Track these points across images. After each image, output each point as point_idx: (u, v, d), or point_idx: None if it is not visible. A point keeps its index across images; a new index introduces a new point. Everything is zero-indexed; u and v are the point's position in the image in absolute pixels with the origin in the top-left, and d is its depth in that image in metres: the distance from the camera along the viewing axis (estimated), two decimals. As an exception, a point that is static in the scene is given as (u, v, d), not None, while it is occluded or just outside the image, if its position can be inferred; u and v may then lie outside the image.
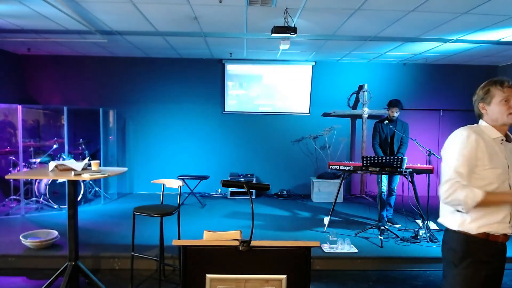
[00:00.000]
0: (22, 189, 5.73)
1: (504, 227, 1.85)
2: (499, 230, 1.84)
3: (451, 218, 1.94)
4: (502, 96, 1.85)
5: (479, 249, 1.85)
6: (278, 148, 7.65)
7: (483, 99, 1.92)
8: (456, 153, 1.85)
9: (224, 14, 4.54)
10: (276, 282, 1.71)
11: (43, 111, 7.11)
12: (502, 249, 1.90)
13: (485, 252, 1.85)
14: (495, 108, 1.87)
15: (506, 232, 1.86)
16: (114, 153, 7.07)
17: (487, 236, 1.84)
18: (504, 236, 1.87)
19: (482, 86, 1.94)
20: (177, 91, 7.48)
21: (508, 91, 1.85)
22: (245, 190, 1.74)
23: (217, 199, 7.07)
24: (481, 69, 7.42)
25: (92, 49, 6.65)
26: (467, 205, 1.78)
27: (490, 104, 1.89)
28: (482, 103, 1.93)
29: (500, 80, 1.87)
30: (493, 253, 1.86)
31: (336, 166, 5.01)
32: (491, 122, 1.91)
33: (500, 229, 1.84)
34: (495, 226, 1.84)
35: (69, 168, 3.20)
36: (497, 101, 1.86)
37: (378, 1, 3.97)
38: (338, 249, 4.18)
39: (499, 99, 1.86)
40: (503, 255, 1.92)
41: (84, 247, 3.97)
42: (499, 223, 1.84)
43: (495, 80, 1.89)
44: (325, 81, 7.55)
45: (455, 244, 1.90)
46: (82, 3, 4.16)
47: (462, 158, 1.82)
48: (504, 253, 1.92)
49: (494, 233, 1.84)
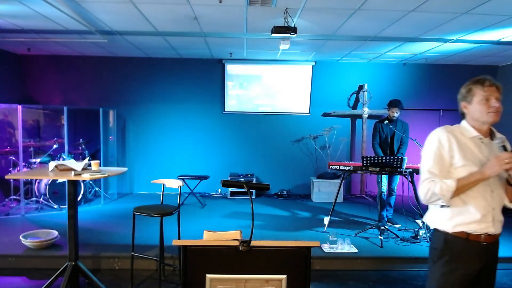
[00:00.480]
0: (22, 189, 5.73)
1: (485, 227, 1.83)
2: (478, 230, 1.83)
3: (431, 217, 1.99)
4: (482, 95, 1.87)
5: (458, 248, 1.86)
6: (278, 148, 7.64)
7: (465, 98, 1.94)
8: (428, 154, 1.92)
9: (224, 14, 4.54)
10: (276, 282, 1.71)
11: (43, 111, 7.11)
12: (487, 250, 1.86)
13: (464, 252, 1.84)
14: (476, 107, 1.89)
15: (488, 231, 1.84)
16: (114, 153, 7.07)
17: (467, 236, 1.84)
18: (487, 236, 1.84)
19: (464, 86, 1.96)
20: (177, 91, 7.48)
21: (489, 90, 1.86)
22: (245, 190, 1.74)
23: (217, 199, 7.07)
24: (481, 69, 7.41)
25: (92, 49, 6.65)
26: (444, 196, 1.81)
27: (472, 103, 1.91)
28: (464, 102, 1.95)
29: (482, 79, 1.89)
30: (474, 253, 1.84)
31: (336, 166, 5.01)
32: (472, 120, 1.94)
33: (479, 228, 1.83)
34: (473, 225, 1.83)
35: (69, 168, 3.20)
36: (478, 100, 1.88)
37: (378, 1, 3.97)
38: (338, 249, 4.18)
39: (479, 98, 1.87)
40: (490, 255, 1.88)
41: (84, 247, 3.97)
42: (479, 222, 1.83)
43: (477, 80, 1.90)
44: (325, 81, 7.55)
45: (435, 242, 1.94)
46: (82, 3, 4.16)
47: (433, 158, 1.89)
48: (490, 254, 1.88)
49: (474, 233, 1.84)
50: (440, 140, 1.90)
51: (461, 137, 1.91)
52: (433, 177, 1.87)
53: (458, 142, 1.88)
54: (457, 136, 1.90)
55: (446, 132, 1.90)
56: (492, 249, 1.89)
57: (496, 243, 1.93)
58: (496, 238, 1.90)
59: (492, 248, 1.89)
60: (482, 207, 1.83)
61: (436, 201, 1.86)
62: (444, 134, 1.90)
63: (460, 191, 1.82)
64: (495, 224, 1.85)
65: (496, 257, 1.94)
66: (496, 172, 1.77)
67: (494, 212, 1.85)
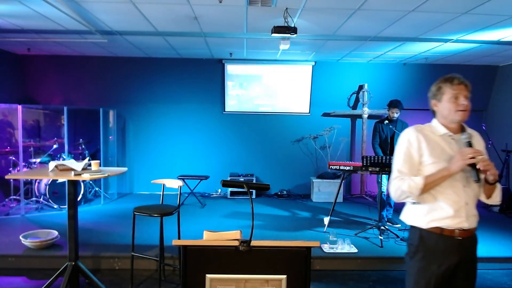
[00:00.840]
0: (22, 189, 5.73)
1: (459, 221, 1.84)
2: (452, 225, 1.85)
3: (407, 214, 2.02)
4: (451, 94, 1.88)
5: (433, 243, 1.87)
6: (278, 148, 7.64)
7: (435, 96, 1.97)
8: (399, 153, 1.97)
9: (224, 14, 4.54)
10: (276, 282, 1.71)
11: (43, 111, 7.11)
12: (462, 244, 1.86)
13: (438, 247, 1.86)
14: (445, 105, 1.91)
15: (462, 226, 1.85)
16: (114, 153, 7.07)
17: (441, 231, 1.86)
18: (461, 231, 1.85)
19: (435, 83, 1.97)
20: (177, 91, 7.48)
21: (458, 88, 1.87)
22: (245, 190, 1.74)
23: (217, 199, 7.07)
24: (481, 69, 7.42)
25: (92, 49, 6.65)
26: (413, 194, 1.86)
27: (441, 101, 1.93)
28: (434, 100, 1.98)
29: (451, 77, 1.90)
30: (448, 248, 1.85)
31: (336, 166, 5.01)
32: (442, 118, 1.96)
33: (453, 224, 1.85)
34: (447, 221, 1.85)
35: (69, 168, 3.20)
36: (447, 98, 1.90)
37: (378, 1, 3.97)
38: (338, 249, 4.18)
39: (449, 96, 1.89)
40: (465, 250, 1.88)
41: (84, 247, 3.97)
42: (451, 218, 1.85)
43: (446, 78, 1.91)
44: (325, 81, 7.55)
45: (411, 238, 1.97)
46: (82, 3, 4.16)
47: (403, 157, 1.94)
48: (466, 248, 1.88)
49: (448, 228, 1.85)
50: (409, 140, 1.94)
51: (431, 135, 1.94)
52: (402, 175, 1.91)
53: (427, 141, 1.91)
54: (427, 135, 1.93)
55: (415, 132, 1.94)
56: (467, 244, 1.89)
57: (473, 238, 1.92)
58: (472, 233, 1.91)
59: (467, 242, 1.88)
60: (455, 202, 1.85)
61: (406, 198, 1.91)
62: (413, 133, 1.94)
63: (429, 188, 1.85)
64: (469, 219, 1.86)
65: (474, 252, 1.94)
66: (460, 167, 1.79)
67: (467, 207, 1.86)
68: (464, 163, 1.77)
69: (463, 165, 1.79)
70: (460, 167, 1.79)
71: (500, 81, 7.40)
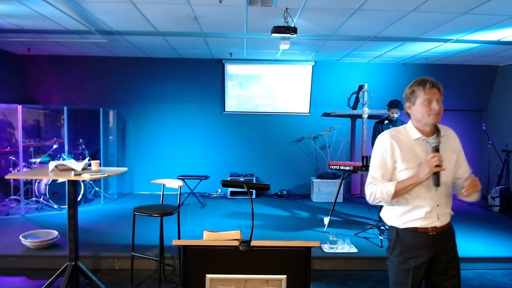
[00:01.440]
0: (22, 189, 5.73)
1: (431, 222, 1.92)
2: (424, 225, 1.92)
3: (385, 215, 2.10)
4: (424, 98, 1.89)
5: (408, 239, 1.95)
6: (278, 148, 7.64)
7: (409, 99, 1.97)
8: (373, 159, 2.02)
9: (224, 14, 4.54)
10: (276, 282, 1.71)
11: (43, 111, 7.11)
12: (436, 238, 1.93)
13: (414, 243, 1.94)
14: (418, 108, 1.92)
15: (434, 225, 1.92)
16: (114, 153, 7.07)
17: (416, 229, 1.94)
18: (434, 228, 1.92)
19: (408, 86, 1.97)
20: (177, 91, 7.48)
21: (430, 92, 1.88)
22: (245, 190, 1.74)
23: (217, 199, 7.07)
24: (481, 69, 7.42)
25: (92, 49, 6.65)
26: (385, 199, 1.92)
27: (415, 104, 1.94)
28: (408, 102, 1.98)
29: (424, 81, 1.90)
30: (423, 242, 1.93)
31: (336, 166, 5.01)
32: (415, 122, 1.98)
33: (425, 224, 1.92)
34: (418, 221, 1.93)
35: (69, 168, 3.20)
36: (420, 101, 1.91)
37: (378, 1, 3.97)
38: (338, 249, 4.18)
39: (421, 100, 1.90)
40: (440, 243, 1.94)
41: (84, 247, 3.96)
42: (422, 219, 1.92)
43: (419, 81, 1.92)
44: (325, 81, 7.55)
45: (390, 235, 2.06)
46: (82, 3, 4.16)
47: (375, 163, 2.00)
48: (440, 242, 1.94)
49: (421, 227, 1.93)
50: (383, 146, 1.98)
51: (405, 140, 1.97)
52: (375, 181, 1.98)
53: (401, 146, 1.95)
54: (401, 140, 1.96)
55: (389, 138, 1.97)
56: (442, 237, 1.95)
57: (447, 231, 1.98)
58: (446, 228, 1.97)
59: (442, 236, 1.95)
60: (426, 205, 1.92)
61: (379, 202, 1.98)
62: (387, 139, 1.97)
63: (400, 193, 1.91)
64: (441, 218, 1.93)
65: (450, 243, 2.00)
66: (428, 174, 1.82)
67: (439, 208, 1.93)
68: (432, 170, 1.81)
69: (431, 172, 1.82)
70: (428, 175, 1.83)
71: (500, 81, 7.40)
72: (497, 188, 6.37)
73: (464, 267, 4.07)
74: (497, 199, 6.33)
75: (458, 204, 7.08)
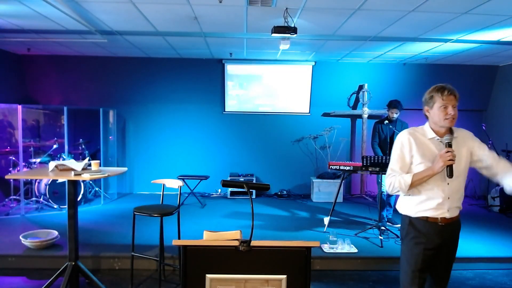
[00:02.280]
0: (22, 189, 5.73)
1: (441, 213, 2.16)
2: (435, 215, 2.17)
3: (400, 205, 2.33)
4: (441, 103, 2.12)
5: (419, 227, 2.20)
6: (278, 148, 7.64)
7: (427, 103, 2.20)
8: (393, 153, 2.28)
9: (224, 14, 4.54)
10: (276, 282, 1.71)
11: (43, 111, 7.11)
12: (444, 229, 2.17)
13: (424, 230, 2.19)
14: (436, 112, 2.15)
15: (444, 216, 2.16)
16: (114, 153, 7.07)
17: (427, 219, 2.19)
18: (443, 219, 2.16)
19: (428, 92, 2.21)
20: (177, 91, 7.48)
21: (447, 98, 2.11)
22: (245, 190, 1.74)
23: (217, 199, 7.07)
24: (481, 69, 7.42)
25: (92, 49, 6.65)
26: (402, 189, 2.18)
27: (433, 108, 2.17)
28: (427, 106, 2.22)
29: (442, 88, 2.13)
30: (432, 231, 2.17)
31: (336, 166, 5.01)
32: (432, 123, 2.22)
33: (436, 214, 2.16)
34: (430, 211, 2.17)
35: (69, 168, 3.20)
36: (437, 106, 2.14)
37: (378, 1, 3.97)
38: (338, 249, 4.18)
39: (439, 105, 2.13)
40: (447, 233, 2.19)
41: (84, 247, 3.97)
42: (434, 209, 2.16)
43: (438, 88, 2.15)
44: (325, 81, 7.55)
45: (403, 224, 2.31)
46: (82, 3, 4.16)
47: (395, 157, 2.25)
48: (448, 232, 2.19)
49: (432, 217, 2.17)
50: (402, 142, 2.23)
51: (422, 138, 2.22)
52: (394, 173, 2.23)
53: (418, 143, 2.20)
54: (418, 138, 2.21)
55: (408, 135, 2.23)
56: (449, 228, 2.19)
57: (454, 224, 2.22)
58: (454, 220, 2.20)
59: (449, 227, 2.19)
60: (438, 197, 2.15)
61: (397, 192, 2.24)
62: (406, 136, 2.23)
63: (416, 184, 2.16)
64: (450, 210, 2.17)
65: (455, 235, 2.25)
66: (442, 167, 2.07)
67: (449, 201, 2.16)
68: (445, 163, 2.05)
69: (444, 165, 2.07)
70: (442, 167, 2.08)
71: (500, 81, 7.40)
72: (497, 188, 6.37)
73: (464, 267, 4.09)
74: (497, 199, 6.33)
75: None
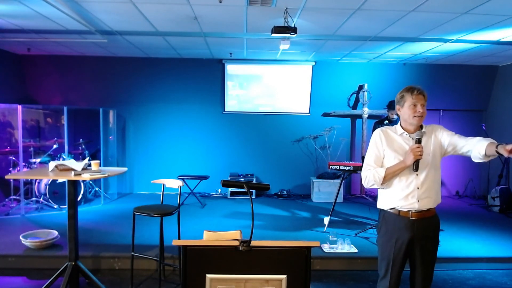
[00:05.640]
0: (22, 189, 5.73)
1: (410, 203, 2.28)
2: (405, 206, 2.29)
3: (378, 200, 2.49)
4: (411, 102, 2.29)
5: (391, 221, 2.36)
6: (278, 148, 7.64)
7: (399, 102, 2.37)
8: (368, 149, 2.46)
9: (224, 14, 4.54)
10: (276, 282, 1.71)
11: (43, 111, 7.11)
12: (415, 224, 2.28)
13: (396, 224, 2.33)
14: (406, 110, 2.32)
15: (413, 207, 2.28)
16: (114, 153, 7.07)
17: (398, 212, 2.33)
18: (414, 213, 2.28)
19: (399, 92, 2.37)
20: (177, 91, 7.48)
21: (416, 98, 2.29)
22: (245, 190, 1.74)
23: (217, 199, 7.07)
24: (481, 69, 7.42)
25: (92, 49, 6.65)
26: (377, 182, 2.32)
27: (403, 107, 2.34)
28: (398, 105, 2.39)
29: (412, 88, 2.30)
30: (403, 226, 2.30)
31: (336, 166, 5.01)
32: (403, 121, 2.39)
33: (405, 205, 2.29)
34: (400, 202, 2.31)
35: (69, 168, 3.20)
36: (407, 105, 2.31)
37: (378, 1, 3.97)
38: (338, 249, 4.18)
39: (409, 104, 2.30)
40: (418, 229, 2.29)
41: (84, 247, 3.97)
42: (403, 199, 2.30)
43: (408, 88, 2.32)
44: (325, 81, 7.55)
45: (378, 218, 2.48)
46: (82, 3, 4.16)
47: (370, 152, 2.42)
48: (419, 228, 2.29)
49: (402, 209, 2.30)
50: (375, 139, 2.42)
51: (393, 135, 2.39)
52: (368, 166, 2.38)
53: (388, 139, 2.38)
54: (389, 134, 2.40)
55: (380, 132, 2.41)
56: (422, 224, 2.29)
57: (429, 220, 2.32)
58: (427, 216, 2.30)
59: (422, 223, 2.29)
60: (407, 187, 2.29)
61: (372, 185, 2.36)
62: (377, 133, 2.41)
63: (390, 177, 2.31)
64: (421, 201, 2.28)
65: (430, 232, 2.34)
66: (412, 160, 2.22)
67: (419, 191, 2.28)
68: (415, 157, 2.21)
69: (415, 158, 2.22)
70: (413, 160, 2.23)
71: (500, 81, 7.40)
72: (497, 188, 6.37)
73: (464, 267, 4.10)
74: (497, 199, 6.33)
75: (458, 204, 7.10)
